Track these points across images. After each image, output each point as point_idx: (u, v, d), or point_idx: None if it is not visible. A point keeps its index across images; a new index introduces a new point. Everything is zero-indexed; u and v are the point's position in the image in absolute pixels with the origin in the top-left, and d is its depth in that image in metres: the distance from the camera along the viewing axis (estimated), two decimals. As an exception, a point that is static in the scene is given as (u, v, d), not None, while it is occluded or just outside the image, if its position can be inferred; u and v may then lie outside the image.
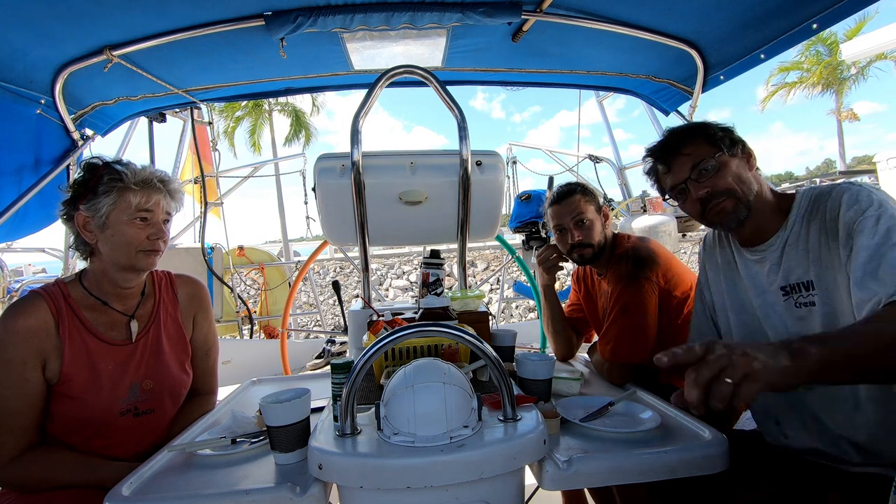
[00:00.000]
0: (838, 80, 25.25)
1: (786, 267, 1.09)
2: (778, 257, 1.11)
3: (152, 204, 1.23)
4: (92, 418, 1.17)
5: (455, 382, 0.92)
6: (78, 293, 1.23)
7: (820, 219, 1.04)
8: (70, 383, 1.15)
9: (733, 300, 1.24)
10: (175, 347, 1.35)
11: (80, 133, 1.99)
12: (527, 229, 3.26)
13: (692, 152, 1.15)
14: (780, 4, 1.52)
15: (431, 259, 1.89)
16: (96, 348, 1.20)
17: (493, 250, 15.61)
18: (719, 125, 1.18)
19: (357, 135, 1.58)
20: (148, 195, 1.22)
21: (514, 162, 6.22)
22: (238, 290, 4.43)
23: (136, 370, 1.25)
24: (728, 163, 1.13)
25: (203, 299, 1.46)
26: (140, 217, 1.21)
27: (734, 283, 1.24)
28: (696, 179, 1.14)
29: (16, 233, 1.92)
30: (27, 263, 7.75)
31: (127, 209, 1.19)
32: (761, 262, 1.15)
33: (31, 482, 1.10)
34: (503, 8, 1.57)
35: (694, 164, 1.14)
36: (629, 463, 0.95)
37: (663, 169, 1.22)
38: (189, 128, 4.37)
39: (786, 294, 1.09)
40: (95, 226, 1.20)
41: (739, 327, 1.22)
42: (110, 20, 1.50)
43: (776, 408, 1.16)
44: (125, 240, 1.20)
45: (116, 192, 1.19)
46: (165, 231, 1.28)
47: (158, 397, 1.28)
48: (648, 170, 1.29)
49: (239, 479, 0.94)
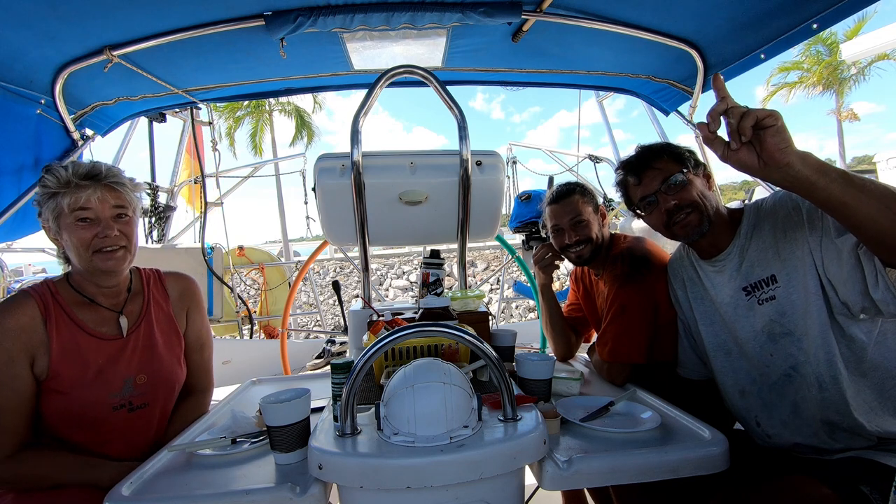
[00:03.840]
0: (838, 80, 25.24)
1: (746, 269, 1.19)
2: (737, 263, 1.21)
3: (83, 202, 1.16)
4: (84, 413, 1.17)
5: (455, 382, 0.92)
6: (66, 291, 1.23)
7: (772, 218, 1.15)
8: (59, 378, 1.15)
9: (701, 313, 1.34)
10: (168, 341, 1.35)
11: (80, 133, 1.98)
12: (527, 229, 3.26)
13: (662, 167, 1.26)
14: (780, 4, 1.52)
15: (431, 259, 1.89)
16: (86, 343, 1.20)
17: (493, 250, 15.62)
18: (684, 148, 1.32)
19: (357, 135, 1.58)
20: (76, 195, 1.15)
21: (514, 162, 6.22)
22: (238, 290, 4.42)
23: (129, 364, 1.25)
24: (693, 180, 1.25)
25: (195, 294, 1.45)
26: (79, 218, 1.16)
27: (700, 297, 1.34)
28: (666, 192, 1.24)
29: (16, 233, 1.91)
30: (27, 263, 7.76)
31: (63, 213, 1.16)
32: (721, 272, 1.25)
33: (26, 480, 1.10)
34: (503, 8, 1.57)
35: (664, 177, 1.25)
36: (629, 463, 0.95)
37: (634, 181, 1.31)
38: (189, 128, 4.37)
39: (748, 293, 1.19)
40: (55, 234, 1.20)
41: (710, 337, 1.31)
42: (110, 20, 1.50)
43: (754, 409, 1.21)
44: (75, 244, 1.17)
45: (50, 198, 1.17)
46: (123, 226, 1.22)
47: (153, 392, 1.28)
48: (618, 182, 1.38)
49: (239, 479, 0.94)
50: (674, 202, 1.23)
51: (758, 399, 1.21)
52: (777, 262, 1.13)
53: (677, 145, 1.32)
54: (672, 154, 1.29)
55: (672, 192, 1.24)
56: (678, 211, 1.23)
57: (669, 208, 1.24)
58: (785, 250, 1.12)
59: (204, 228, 3.95)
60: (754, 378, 1.21)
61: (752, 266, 1.18)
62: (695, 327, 1.37)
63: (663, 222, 1.27)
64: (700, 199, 1.22)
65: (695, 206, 1.22)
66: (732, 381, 1.27)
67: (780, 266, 1.12)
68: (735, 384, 1.26)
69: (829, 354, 1.06)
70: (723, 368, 1.29)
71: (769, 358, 1.16)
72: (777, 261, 1.13)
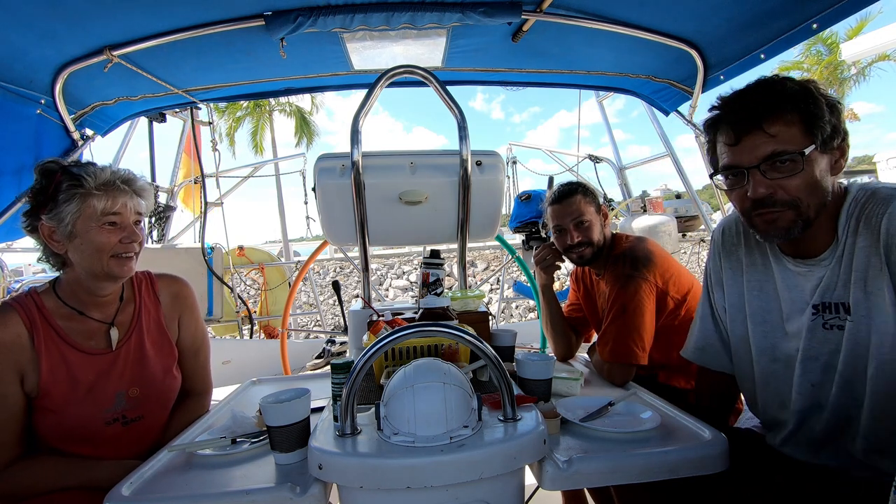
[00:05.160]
0: (838, 80, 25.24)
1: (826, 284, 0.95)
2: (824, 274, 0.95)
3: (119, 206, 1.16)
4: (76, 430, 1.15)
5: (455, 382, 0.92)
6: (52, 303, 1.18)
7: (870, 234, 0.87)
8: (50, 396, 1.12)
9: (755, 308, 1.10)
10: (159, 352, 1.31)
11: (80, 133, 1.98)
12: (527, 229, 3.26)
13: (778, 134, 0.88)
14: (780, 4, 1.52)
15: (431, 259, 1.89)
16: (75, 359, 1.16)
17: (493, 250, 15.61)
18: (830, 99, 0.90)
19: (357, 135, 1.58)
20: (113, 198, 1.15)
21: (514, 162, 6.23)
22: (238, 290, 4.42)
23: (120, 378, 1.22)
24: (814, 162, 0.88)
25: (187, 298, 1.41)
26: (108, 222, 1.15)
27: (761, 289, 1.09)
28: (764, 173, 0.90)
29: (16, 233, 1.91)
30: (27, 263, 7.75)
31: (93, 215, 1.13)
32: (807, 276, 0.99)
33: (24, 490, 1.07)
34: (503, 8, 1.57)
35: (772, 151, 0.88)
36: (629, 463, 0.95)
37: (729, 138, 0.94)
38: (189, 128, 4.37)
39: (815, 312, 0.97)
40: (62, 235, 1.13)
41: (758, 336, 1.10)
42: (110, 20, 1.50)
43: (779, 432, 1.13)
44: (95, 247, 1.13)
45: (79, 198, 1.12)
46: (138, 233, 1.21)
47: (146, 404, 1.25)
48: (710, 123, 0.99)
49: (239, 479, 0.94)
50: (766, 191, 0.91)
51: (785, 418, 1.08)
52: (859, 290, 0.89)
53: (820, 94, 0.89)
54: (804, 112, 0.88)
55: (773, 175, 0.90)
56: (768, 204, 0.92)
57: (758, 197, 0.92)
58: (871, 282, 0.86)
59: (204, 228, 3.96)
60: (787, 395, 1.06)
61: (832, 283, 0.94)
62: (738, 315, 1.14)
63: (744, 209, 0.97)
64: (805, 196, 0.90)
65: (793, 205, 0.91)
66: (767, 387, 1.11)
67: (857, 297, 0.89)
68: (767, 392, 1.12)
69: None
70: (764, 371, 1.10)
71: (809, 388, 1.01)
72: (859, 290, 0.88)
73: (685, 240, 12.24)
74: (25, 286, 3.79)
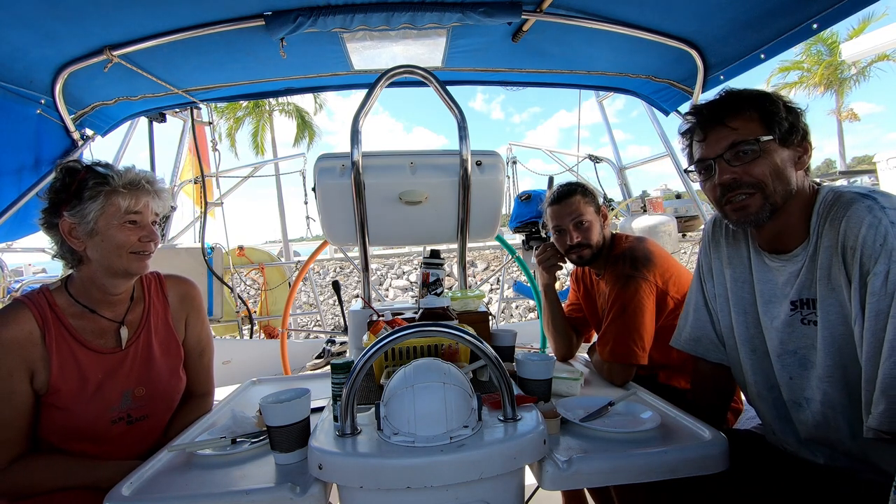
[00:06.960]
0: (839, 80, 25.25)
1: (802, 280, 1.00)
2: (798, 269, 1.01)
3: (141, 206, 1.20)
4: (82, 428, 1.16)
5: (455, 382, 0.92)
6: (64, 301, 1.20)
7: (833, 235, 0.93)
8: (59, 394, 1.13)
9: (737, 299, 1.17)
10: (167, 353, 1.33)
11: (80, 133, 1.98)
12: (527, 229, 3.26)
13: (739, 127, 0.99)
14: (780, 4, 1.52)
15: (431, 259, 1.89)
16: (84, 358, 1.18)
17: (493, 250, 15.61)
18: (788, 102, 1.01)
19: (357, 135, 1.58)
20: (137, 197, 1.19)
21: (514, 162, 6.22)
22: (238, 290, 4.42)
23: (128, 377, 1.23)
24: (773, 151, 0.97)
25: (195, 299, 1.43)
26: (130, 220, 1.18)
27: (741, 282, 1.16)
28: (728, 161, 0.99)
29: (16, 233, 1.91)
30: (27, 263, 7.75)
31: (116, 213, 1.16)
32: (779, 271, 1.05)
33: (24, 490, 1.08)
34: (503, 8, 1.57)
35: (734, 141, 0.98)
36: (629, 463, 0.95)
37: (699, 135, 1.06)
38: (189, 128, 4.37)
39: (794, 308, 1.02)
40: (83, 232, 1.15)
41: (741, 327, 1.17)
42: (110, 20, 1.50)
43: (769, 416, 1.15)
44: (116, 244, 1.16)
45: (104, 196, 1.15)
46: (156, 232, 1.25)
47: (151, 404, 1.26)
48: (685, 130, 1.12)
49: (239, 479, 0.94)
50: (731, 176, 0.99)
51: (773, 409, 1.12)
52: (823, 287, 0.94)
53: (777, 98, 1.01)
54: (761, 110, 0.99)
55: (736, 162, 0.98)
56: (734, 188, 1.00)
57: (724, 182, 1.00)
58: (834, 279, 0.92)
59: (204, 228, 3.95)
60: (773, 385, 1.11)
61: (806, 280, 0.99)
62: (724, 305, 1.20)
63: (716, 198, 1.05)
64: (769, 180, 0.97)
65: (759, 187, 0.98)
66: (755, 378, 1.15)
67: (822, 293, 0.95)
68: (755, 382, 1.15)
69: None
70: (747, 361, 1.16)
71: (788, 381, 1.06)
72: (823, 286, 0.94)
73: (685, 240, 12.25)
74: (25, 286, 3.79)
